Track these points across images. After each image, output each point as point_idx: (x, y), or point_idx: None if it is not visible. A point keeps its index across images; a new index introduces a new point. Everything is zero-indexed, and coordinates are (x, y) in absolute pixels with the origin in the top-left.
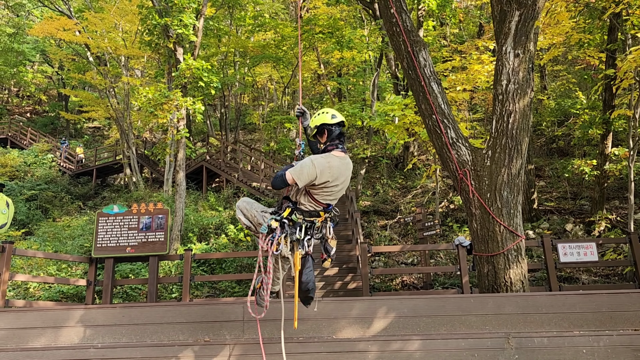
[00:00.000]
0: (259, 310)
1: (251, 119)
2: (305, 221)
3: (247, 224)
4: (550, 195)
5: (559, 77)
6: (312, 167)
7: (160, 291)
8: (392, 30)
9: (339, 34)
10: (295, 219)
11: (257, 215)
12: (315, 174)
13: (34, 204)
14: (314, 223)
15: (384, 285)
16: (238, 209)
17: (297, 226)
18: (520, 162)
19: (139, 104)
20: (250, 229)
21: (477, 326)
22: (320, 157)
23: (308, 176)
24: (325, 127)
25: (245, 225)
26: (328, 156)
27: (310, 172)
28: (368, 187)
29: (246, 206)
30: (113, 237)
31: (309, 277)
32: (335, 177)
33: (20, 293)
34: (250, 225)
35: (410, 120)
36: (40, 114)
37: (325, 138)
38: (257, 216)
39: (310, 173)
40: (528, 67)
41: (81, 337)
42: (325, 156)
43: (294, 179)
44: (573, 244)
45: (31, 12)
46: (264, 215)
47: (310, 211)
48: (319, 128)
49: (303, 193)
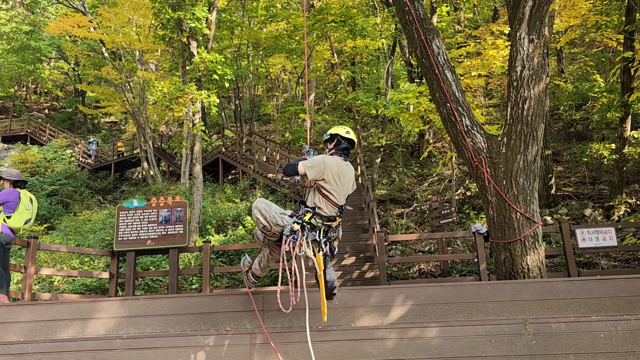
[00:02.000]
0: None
1: (265, 110)
2: (324, 225)
3: (264, 224)
4: (569, 180)
5: (576, 60)
6: (323, 162)
7: (180, 282)
8: (404, 19)
9: (351, 22)
10: (315, 223)
11: (275, 217)
12: (324, 170)
13: (55, 199)
14: (331, 227)
15: (401, 274)
16: (256, 209)
17: (316, 229)
18: (536, 148)
19: (154, 98)
20: (265, 229)
21: (495, 313)
22: (328, 156)
23: (318, 171)
24: (337, 137)
25: (262, 225)
26: (334, 157)
27: (320, 168)
28: (384, 175)
29: (265, 207)
30: (134, 230)
31: (332, 276)
32: (342, 174)
33: (46, 286)
34: (266, 225)
35: (425, 108)
36: (58, 110)
37: (333, 145)
38: (276, 217)
39: (320, 168)
40: (543, 53)
41: (107, 329)
42: (332, 156)
43: (304, 170)
44: (591, 229)
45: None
46: (283, 217)
47: (328, 216)
48: (332, 137)
49: (318, 195)
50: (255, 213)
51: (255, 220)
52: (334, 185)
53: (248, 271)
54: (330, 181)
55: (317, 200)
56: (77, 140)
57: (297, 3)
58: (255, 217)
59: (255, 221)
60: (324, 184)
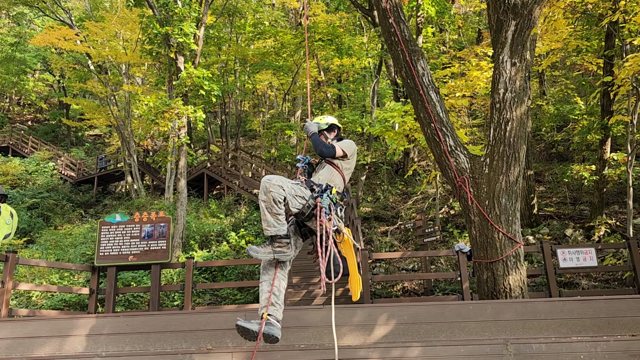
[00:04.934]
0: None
1: (252, 126)
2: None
3: (283, 196)
4: (550, 200)
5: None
6: (352, 144)
7: (162, 299)
8: (390, 40)
9: (338, 41)
10: (335, 200)
11: (294, 188)
12: (354, 150)
13: (36, 212)
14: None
15: (385, 292)
16: (270, 181)
17: (337, 206)
18: (518, 169)
19: (140, 112)
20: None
21: (476, 332)
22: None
23: (353, 151)
24: (334, 126)
25: (280, 198)
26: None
27: (352, 148)
28: (368, 193)
29: (281, 179)
30: (115, 245)
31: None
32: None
33: (23, 302)
34: (286, 196)
35: (410, 127)
36: (41, 122)
37: (333, 135)
38: (295, 188)
39: (353, 148)
40: (525, 76)
41: (85, 346)
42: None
43: (343, 151)
44: (572, 249)
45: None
46: (301, 189)
47: (341, 194)
48: (330, 126)
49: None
50: (269, 186)
51: (270, 195)
52: (351, 165)
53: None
54: (351, 161)
55: (334, 177)
56: (60, 153)
57: (285, 21)
58: (269, 191)
59: (269, 197)
60: (346, 163)
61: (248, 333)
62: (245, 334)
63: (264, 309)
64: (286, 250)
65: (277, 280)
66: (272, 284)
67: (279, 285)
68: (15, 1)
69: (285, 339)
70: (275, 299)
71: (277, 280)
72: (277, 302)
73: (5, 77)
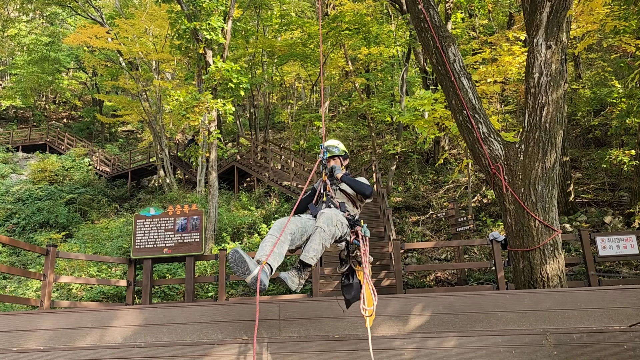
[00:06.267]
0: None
1: (280, 118)
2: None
3: (340, 235)
4: (588, 187)
5: (594, 66)
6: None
7: (196, 290)
8: (420, 26)
9: (365, 29)
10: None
11: (343, 221)
12: None
13: (73, 207)
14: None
15: (418, 282)
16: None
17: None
18: (555, 155)
19: (170, 107)
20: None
21: (514, 322)
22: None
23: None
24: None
25: (337, 235)
26: None
27: None
28: (399, 183)
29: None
30: (150, 238)
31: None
32: None
33: (64, 294)
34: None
35: (440, 115)
36: (76, 119)
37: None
38: (344, 221)
39: None
40: (561, 58)
41: (125, 337)
42: None
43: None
44: (612, 237)
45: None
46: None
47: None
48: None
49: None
50: (335, 221)
51: (332, 230)
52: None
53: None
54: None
55: (354, 210)
56: (95, 149)
57: (312, 11)
58: (334, 225)
59: (331, 231)
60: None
61: (243, 265)
62: (239, 264)
63: (264, 256)
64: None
65: (284, 237)
66: (279, 238)
67: (283, 244)
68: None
69: (319, 329)
70: (278, 250)
71: (283, 237)
72: (279, 253)
73: (41, 76)
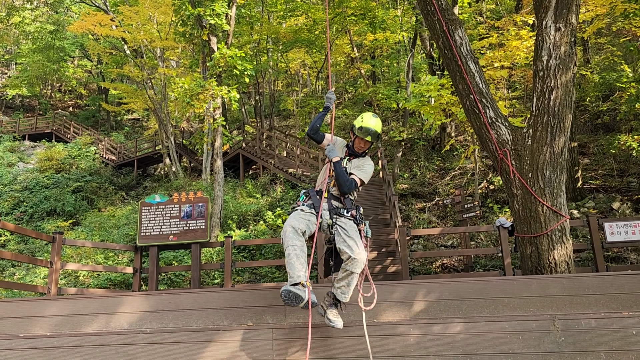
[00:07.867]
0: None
1: (285, 105)
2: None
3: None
4: (596, 172)
5: (603, 50)
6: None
7: (202, 277)
8: (426, 10)
9: (371, 15)
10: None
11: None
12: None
13: (80, 195)
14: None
15: (424, 269)
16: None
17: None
18: (563, 140)
19: (175, 95)
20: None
21: (521, 308)
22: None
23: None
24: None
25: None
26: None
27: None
28: (405, 169)
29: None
30: (156, 225)
31: None
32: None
33: (71, 281)
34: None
35: (446, 101)
36: (81, 107)
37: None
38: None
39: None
40: (570, 41)
41: (131, 323)
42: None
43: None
44: (620, 223)
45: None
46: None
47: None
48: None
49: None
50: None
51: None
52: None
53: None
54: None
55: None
56: (101, 137)
57: None
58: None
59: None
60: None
61: (297, 298)
62: (293, 299)
63: (302, 277)
64: None
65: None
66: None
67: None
68: None
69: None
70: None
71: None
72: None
73: (47, 64)
